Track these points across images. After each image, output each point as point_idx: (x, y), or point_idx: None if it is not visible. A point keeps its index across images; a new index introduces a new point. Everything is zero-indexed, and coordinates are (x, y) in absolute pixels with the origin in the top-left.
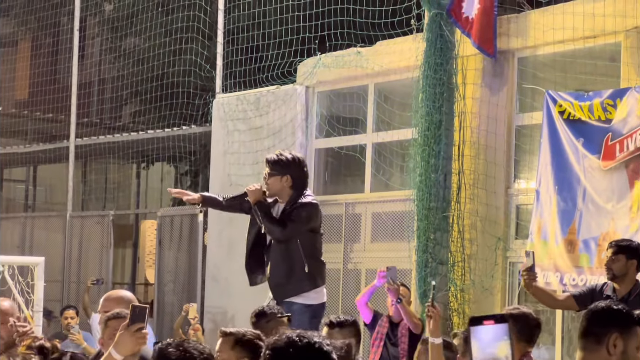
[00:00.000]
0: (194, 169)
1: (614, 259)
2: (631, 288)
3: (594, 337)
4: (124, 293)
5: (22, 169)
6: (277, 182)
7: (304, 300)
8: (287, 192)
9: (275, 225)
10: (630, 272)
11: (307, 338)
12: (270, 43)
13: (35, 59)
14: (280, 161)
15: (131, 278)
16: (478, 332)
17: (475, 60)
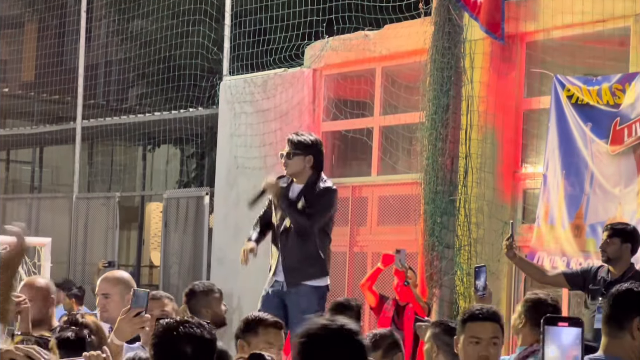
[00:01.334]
0: (200, 151)
1: (608, 242)
2: (625, 270)
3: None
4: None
5: (28, 150)
6: (300, 161)
7: (311, 282)
8: (307, 172)
9: (302, 217)
10: (624, 255)
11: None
12: (277, 26)
13: (42, 40)
14: (304, 141)
15: (136, 260)
16: (552, 332)
17: (483, 44)
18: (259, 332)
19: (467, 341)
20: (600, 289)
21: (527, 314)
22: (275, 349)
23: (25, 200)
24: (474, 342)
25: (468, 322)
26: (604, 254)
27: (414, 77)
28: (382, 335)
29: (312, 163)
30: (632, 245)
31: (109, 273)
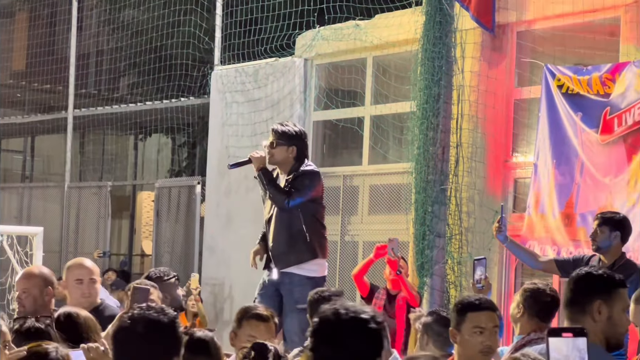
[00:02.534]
0: (191, 140)
1: (598, 231)
2: (616, 259)
3: (578, 306)
4: (84, 260)
5: (19, 140)
6: (283, 151)
7: (305, 272)
8: (290, 162)
9: (280, 193)
10: (614, 243)
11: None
12: (269, 15)
13: (33, 29)
14: (287, 132)
15: (128, 249)
16: (556, 344)
17: (474, 34)
18: (242, 324)
19: (470, 331)
20: None
21: (525, 303)
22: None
23: (17, 190)
24: (478, 331)
25: (469, 312)
26: (594, 243)
27: (405, 66)
28: None
29: (295, 154)
30: (622, 233)
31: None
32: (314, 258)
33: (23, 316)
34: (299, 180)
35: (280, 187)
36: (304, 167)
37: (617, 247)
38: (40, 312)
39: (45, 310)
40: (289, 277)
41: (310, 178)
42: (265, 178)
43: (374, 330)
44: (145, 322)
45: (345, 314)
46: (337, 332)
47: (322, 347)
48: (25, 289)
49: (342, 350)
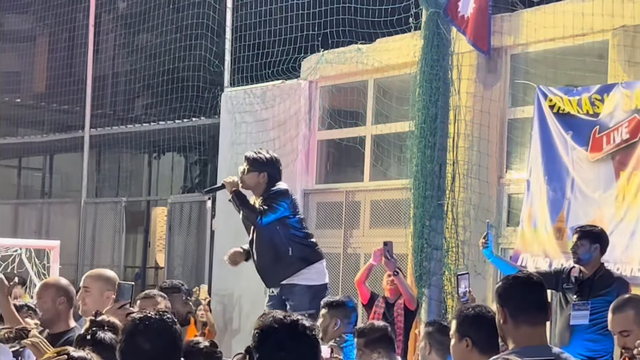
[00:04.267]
0: (203, 158)
1: (579, 244)
2: (596, 269)
3: None
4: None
5: (39, 158)
6: (254, 177)
7: (305, 282)
8: (262, 187)
9: (252, 212)
10: (594, 255)
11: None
12: (276, 40)
13: (52, 53)
14: (259, 159)
15: (142, 262)
16: None
17: (470, 57)
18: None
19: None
20: (574, 288)
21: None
22: None
23: (36, 205)
24: None
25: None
26: (575, 255)
27: (404, 88)
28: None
29: (266, 179)
30: (601, 245)
31: (93, 270)
32: (307, 265)
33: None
34: (269, 198)
35: (252, 206)
36: (274, 190)
37: (596, 259)
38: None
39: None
40: (290, 287)
41: (278, 195)
42: (237, 199)
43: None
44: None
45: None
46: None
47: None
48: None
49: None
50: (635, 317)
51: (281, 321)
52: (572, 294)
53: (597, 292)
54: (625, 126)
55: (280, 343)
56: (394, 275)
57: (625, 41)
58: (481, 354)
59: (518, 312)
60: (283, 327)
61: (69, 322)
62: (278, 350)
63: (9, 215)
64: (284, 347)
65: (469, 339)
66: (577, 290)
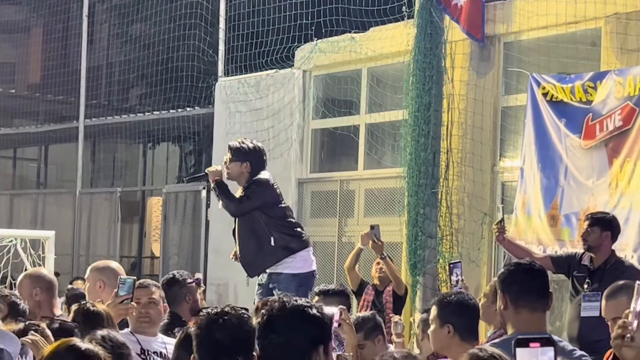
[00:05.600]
0: (197, 148)
1: (589, 231)
2: (607, 258)
3: None
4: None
5: (34, 148)
6: (236, 167)
7: (290, 270)
8: (245, 177)
9: (230, 201)
10: (605, 243)
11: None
12: (269, 29)
13: (47, 44)
14: (242, 149)
15: (138, 251)
16: (523, 354)
17: (463, 45)
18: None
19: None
20: (584, 277)
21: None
22: None
23: (31, 196)
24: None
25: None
26: (585, 242)
27: (398, 77)
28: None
29: (249, 169)
30: (612, 233)
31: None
32: (289, 254)
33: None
34: (249, 188)
35: (232, 196)
36: (255, 180)
37: (607, 247)
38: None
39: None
40: (276, 276)
41: (258, 184)
42: (218, 189)
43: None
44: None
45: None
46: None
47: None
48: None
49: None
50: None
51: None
52: (583, 283)
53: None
54: (618, 113)
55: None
56: (381, 259)
57: (617, 29)
58: (462, 341)
59: (519, 298)
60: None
61: (54, 310)
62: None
63: (4, 206)
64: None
65: (451, 326)
66: (588, 280)
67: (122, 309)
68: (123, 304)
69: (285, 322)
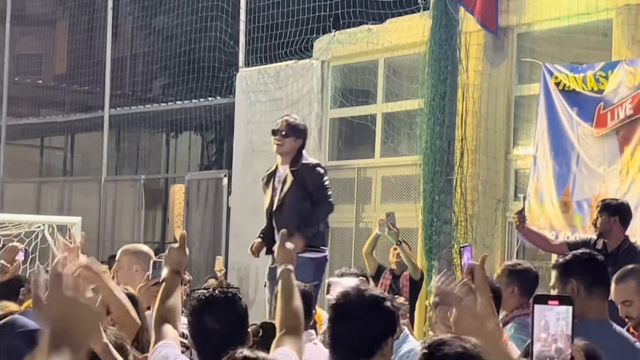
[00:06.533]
0: (219, 137)
1: (598, 217)
2: (620, 243)
3: None
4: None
5: (61, 137)
6: (291, 143)
7: (308, 254)
8: (294, 153)
9: (327, 213)
10: (614, 228)
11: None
12: (289, 21)
13: (73, 35)
14: (299, 126)
15: (161, 237)
16: (542, 311)
17: (477, 36)
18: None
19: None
20: None
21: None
22: None
23: (58, 183)
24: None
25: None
26: (596, 229)
27: (414, 67)
28: None
29: (299, 145)
30: (620, 218)
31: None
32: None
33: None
34: (323, 183)
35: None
36: (306, 160)
37: (618, 232)
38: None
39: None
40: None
41: (325, 177)
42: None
43: (389, 310)
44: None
45: (365, 292)
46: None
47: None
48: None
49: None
50: (637, 288)
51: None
52: None
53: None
54: (629, 102)
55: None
56: (397, 245)
57: (629, 19)
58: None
59: (594, 286)
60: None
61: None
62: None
63: (32, 193)
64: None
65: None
66: None
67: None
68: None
69: (362, 311)
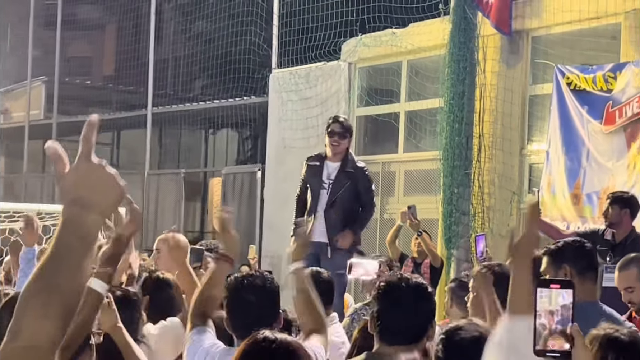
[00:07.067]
0: (254, 133)
1: (609, 209)
2: (628, 234)
3: None
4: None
5: (107, 134)
6: (346, 143)
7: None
8: (345, 152)
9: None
10: (624, 220)
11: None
12: (318, 25)
13: (119, 39)
14: (349, 127)
15: (200, 228)
16: (544, 294)
17: (494, 39)
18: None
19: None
20: (607, 250)
21: None
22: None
23: None
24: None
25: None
26: (606, 219)
27: (435, 68)
28: None
29: (348, 146)
30: (631, 210)
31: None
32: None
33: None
34: (370, 186)
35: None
36: (359, 163)
37: (627, 223)
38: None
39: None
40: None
41: (372, 181)
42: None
43: (432, 295)
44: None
45: (408, 280)
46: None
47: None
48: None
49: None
50: (639, 275)
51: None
52: (605, 256)
53: None
54: (636, 101)
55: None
56: (418, 236)
57: (636, 23)
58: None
59: (586, 271)
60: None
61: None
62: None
63: None
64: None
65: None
66: (611, 254)
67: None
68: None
69: (411, 298)
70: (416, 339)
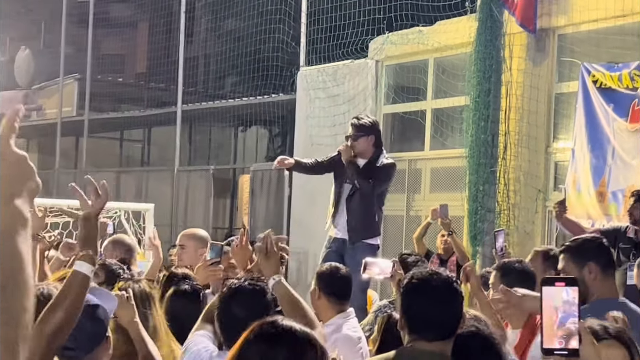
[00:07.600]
0: (282, 130)
1: (635, 206)
2: None
3: None
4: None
5: (139, 131)
6: (364, 142)
7: (369, 240)
8: (371, 150)
9: (365, 181)
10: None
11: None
12: (345, 23)
13: (151, 37)
14: (365, 124)
15: (229, 223)
16: (549, 292)
17: (520, 37)
18: None
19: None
20: (630, 248)
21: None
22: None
23: (137, 173)
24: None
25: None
26: (631, 216)
27: (461, 66)
28: None
29: (374, 141)
30: None
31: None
32: (377, 235)
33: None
34: (383, 171)
35: (365, 175)
36: (384, 159)
37: None
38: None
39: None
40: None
41: (391, 170)
42: (352, 168)
43: (460, 289)
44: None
45: (438, 274)
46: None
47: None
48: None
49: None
50: None
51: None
52: (628, 254)
53: None
54: None
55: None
56: (449, 235)
57: None
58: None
59: (608, 268)
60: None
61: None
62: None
63: (111, 182)
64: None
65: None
66: (634, 251)
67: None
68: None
69: (441, 293)
70: (450, 335)
